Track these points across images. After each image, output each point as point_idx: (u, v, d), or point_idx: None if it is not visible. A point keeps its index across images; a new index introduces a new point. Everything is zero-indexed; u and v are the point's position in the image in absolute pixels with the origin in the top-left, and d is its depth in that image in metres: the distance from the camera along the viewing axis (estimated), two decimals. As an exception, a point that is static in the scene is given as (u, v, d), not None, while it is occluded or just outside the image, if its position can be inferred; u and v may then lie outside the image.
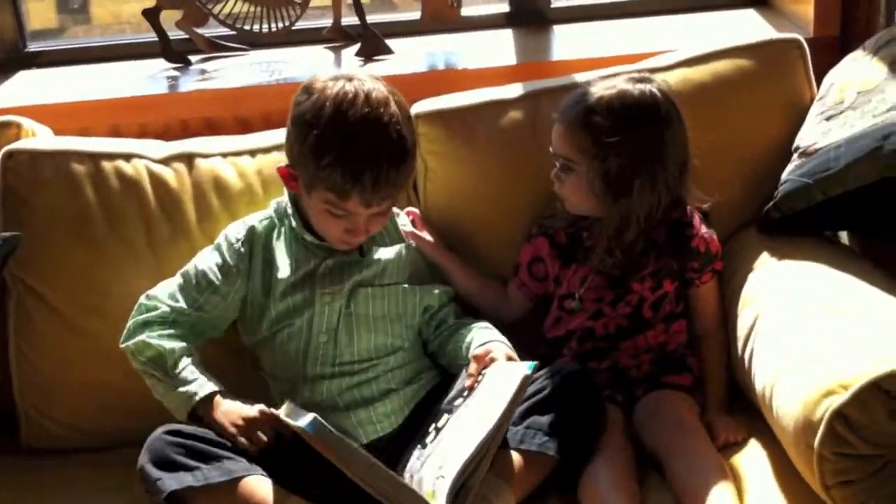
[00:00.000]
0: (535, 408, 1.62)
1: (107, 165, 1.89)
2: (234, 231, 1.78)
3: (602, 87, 1.74)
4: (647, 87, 1.74)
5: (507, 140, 1.92)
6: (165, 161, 1.92)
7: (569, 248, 1.82)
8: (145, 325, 1.71)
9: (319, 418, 1.51)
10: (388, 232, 1.82)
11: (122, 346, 1.71)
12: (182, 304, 1.73)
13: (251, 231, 1.77)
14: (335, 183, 1.63)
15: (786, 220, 1.80)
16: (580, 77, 1.97)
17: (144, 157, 1.92)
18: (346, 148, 1.62)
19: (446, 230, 1.93)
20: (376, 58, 2.34)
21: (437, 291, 1.82)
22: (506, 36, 2.44)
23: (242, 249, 1.75)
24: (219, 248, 1.77)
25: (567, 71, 2.08)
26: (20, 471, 1.81)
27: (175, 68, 2.38)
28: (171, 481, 1.51)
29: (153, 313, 1.72)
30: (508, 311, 1.88)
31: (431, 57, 2.35)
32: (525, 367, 1.57)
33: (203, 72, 2.35)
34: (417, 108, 1.96)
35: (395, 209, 1.82)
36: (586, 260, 1.80)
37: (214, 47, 2.43)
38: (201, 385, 1.66)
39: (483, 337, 1.70)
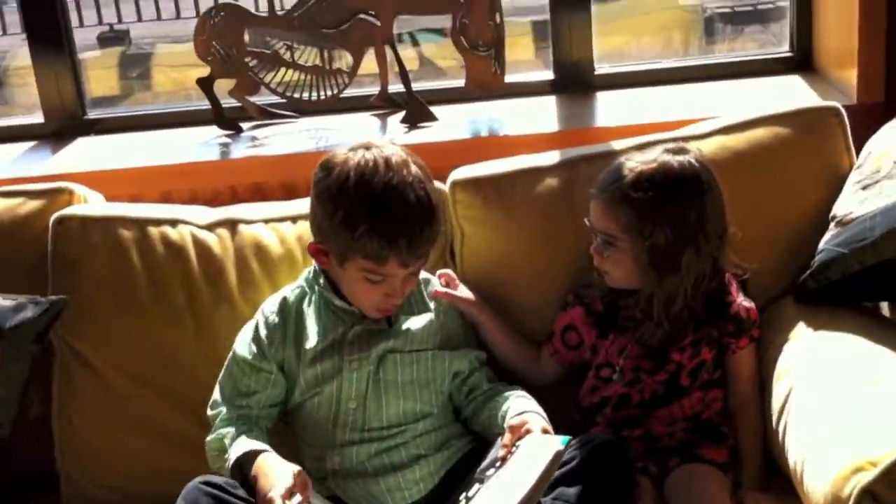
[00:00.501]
0: (564, 479, 1.61)
1: (153, 231, 1.94)
2: (270, 304, 1.82)
3: (640, 160, 1.75)
4: (685, 158, 1.74)
5: (543, 208, 1.94)
6: (210, 227, 1.97)
7: (606, 318, 1.82)
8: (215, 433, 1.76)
9: None
10: (415, 301, 1.84)
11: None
12: (236, 397, 1.77)
13: (283, 302, 1.81)
14: (372, 251, 1.66)
15: (823, 290, 1.79)
16: (618, 144, 1.99)
17: (189, 222, 1.97)
18: (378, 216, 1.66)
19: (482, 296, 1.94)
20: (421, 125, 2.38)
21: (467, 356, 1.83)
22: (549, 103, 2.47)
23: (276, 320, 1.79)
24: (256, 324, 1.81)
25: (609, 138, 2.09)
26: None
27: (227, 135, 2.45)
28: None
29: (217, 420, 1.77)
30: (540, 376, 1.88)
31: (475, 124, 2.39)
32: (558, 442, 1.57)
33: (254, 139, 2.41)
34: (455, 175, 1.99)
35: (422, 277, 1.84)
36: (625, 330, 1.79)
37: (265, 115, 2.49)
38: (241, 445, 1.69)
39: (519, 406, 1.71)
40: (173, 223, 1.96)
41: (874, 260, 1.68)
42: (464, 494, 1.63)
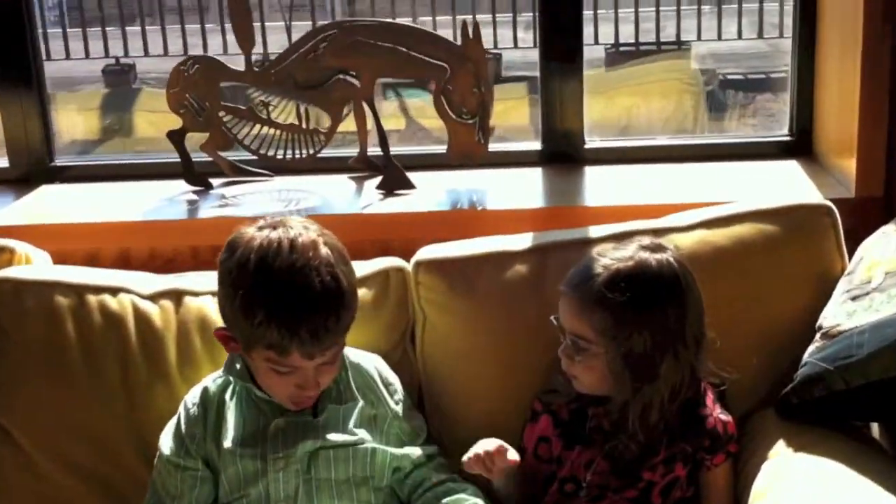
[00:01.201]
0: None
1: (91, 299, 1.83)
2: (191, 396, 1.70)
3: (615, 257, 1.60)
4: (663, 256, 1.61)
5: (511, 297, 1.81)
6: (153, 297, 1.85)
7: (572, 427, 1.68)
8: None
9: None
10: (343, 387, 1.70)
11: None
12: (166, 500, 1.65)
13: (204, 392, 1.69)
14: (272, 341, 1.54)
15: (806, 405, 1.64)
16: (595, 231, 1.86)
17: (132, 291, 1.85)
18: (277, 302, 1.53)
19: (441, 386, 1.83)
20: (397, 192, 2.26)
21: (408, 451, 1.69)
22: (535, 175, 2.35)
23: (197, 413, 1.67)
24: (178, 418, 1.69)
25: (593, 218, 1.97)
26: None
27: (195, 191, 2.33)
28: None
29: None
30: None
31: (454, 194, 2.26)
32: None
33: (223, 196, 2.30)
34: (419, 255, 1.87)
35: (351, 361, 1.72)
36: (592, 443, 1.65)
37: (237, 171, 2.38)
38: None
39: None
40: (114, 291, 1.85)
41: (861, 380, 1.54)
42: None
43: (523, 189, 2.26)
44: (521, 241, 1.87)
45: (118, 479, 1.76)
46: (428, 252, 1.87)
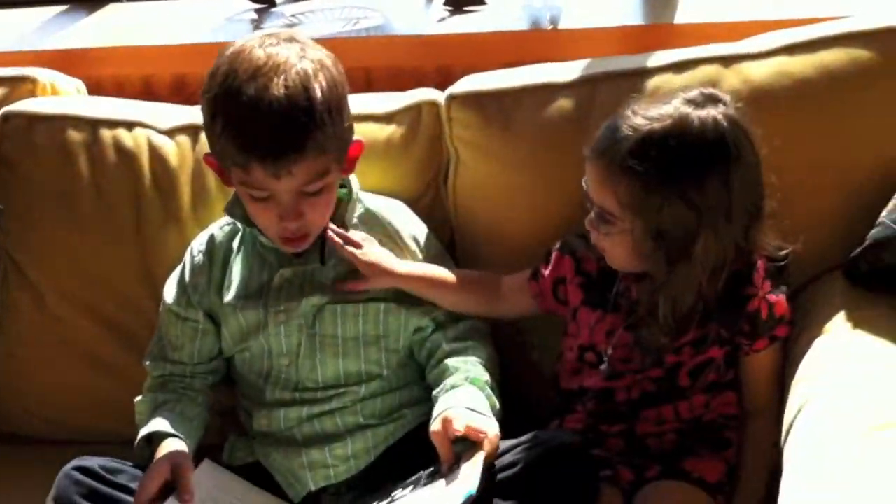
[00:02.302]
0: (501, 489, 1.31)
1: (106, 134, 1.72)
2: (198, 242, 1.59)
3: (650, 116, 1.33)
4: (710, 113, 1.32)
5: (550, 134, 1.58)
6: (171, 132, 1.73)
7: (598, 285, 1.46)
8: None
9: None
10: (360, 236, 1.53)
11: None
12: (168, 349, 1.58)
13: (210, 240, 1.57)
14: (234, 153, 1.38)
15: (877, 273, 1.37)
16: (656, 59, 1.59)
17: (149, 126, 1.73)
18: (234, 107, 1.37)
19: (474, 232, 1.65)
20: (466, 8, 2.03)
21: (429, 312, 1.53)
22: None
23: (202, 261, 1.56)
24: (183, 265, 1.59)
25: (693, 37, 1.70)
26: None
27: (257, 9, 2.17)
28: None
29: (148, 378, 1.59)
30: (506, 313, 1.57)
31: (531, 11, 2.01)
32: (461, 494, 1.27)
33: (285, 15, 2.14)
34: (454, 87, 1.66)
35: (367, 207, 1.56)
36: (618, 309, 1.44)
37: (303, -15, 2.20)
38: (152, 423, 1.49)
39: (445, 402, 1.40)
40: (130, 126, 1.73)
41: (938, 250, 1.25)
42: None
43: (608, 6, 1.97)
44: (566, 71, 1.63)
45: (129, 320, 1.70)
46: (464, 84, 1.66)
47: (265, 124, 1.35)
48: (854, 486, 1.10)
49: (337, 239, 1.49)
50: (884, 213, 1.38)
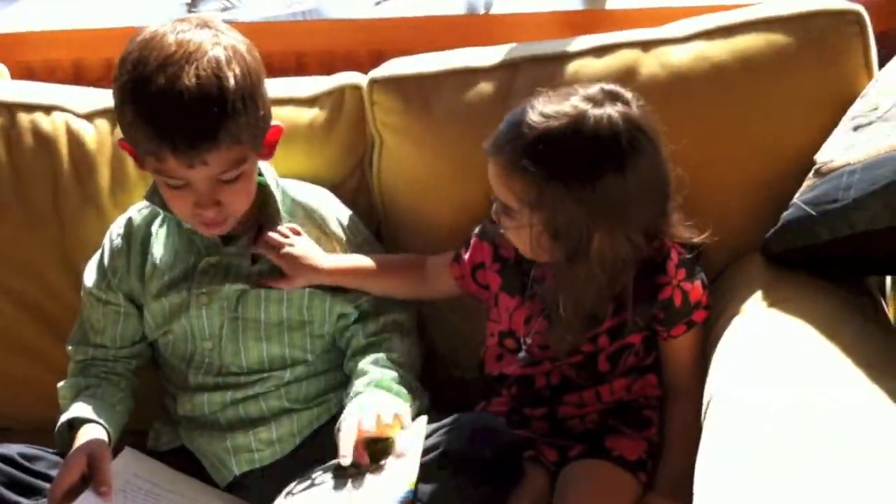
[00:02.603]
0: (424, 474, 1.31)
1: (24, 118, 1.69)
2: (116, 226, 1.57)
3: (547, 112, 1.31)
4: (606, 112, 1.30)
5: (470, 118, 1.58)
6: (89, 116, 1.70)
7: (515, 272, 1.47)
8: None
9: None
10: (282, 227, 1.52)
11: None
12: (90, 333, 1.57)
13: (129, 224, 1.56)
14: (146, 142, 1.36)
15: (791, 253, 1.40)
16: (576, 44, 1.60)
17: (67, 110, 1.71)
18: (143, 97, 1.35)
19: (399, 216, 1.66)
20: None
21: (354, 300, 1.53)
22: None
23: (120, 245, 1.55)
24: (102, 249, 1.57)
25: (626, 22, 1.72)
26: None
27: (191, -8, 2.16)
28: None
29: (70, 363, 1.58)
30: (429, 294, 1.57)
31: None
32: (397, 496, 1.27)
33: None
34: (376, 71, 1.66)
35: (295, 199, 1.54)
36: (534, 296, 1.44)
37: (231, -29, 2.18)
38: (73, 408, 1.48)
39: (353, 405, 1.40)
40: (48, 110, 1.70)
41: (845, 231, 1.28)
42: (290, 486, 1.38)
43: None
44: (488, 56, 1.63)
45: (49, 304, 1.68)
46: (386, 68, 1.66)
47: (176, 114, 1.32)
48: (769, 464, 1.12)
49: (272, 244, 1.47)
50: (796, 196, 1.40)
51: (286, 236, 1.49)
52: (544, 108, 1.32)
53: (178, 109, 1.32)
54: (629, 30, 1.63)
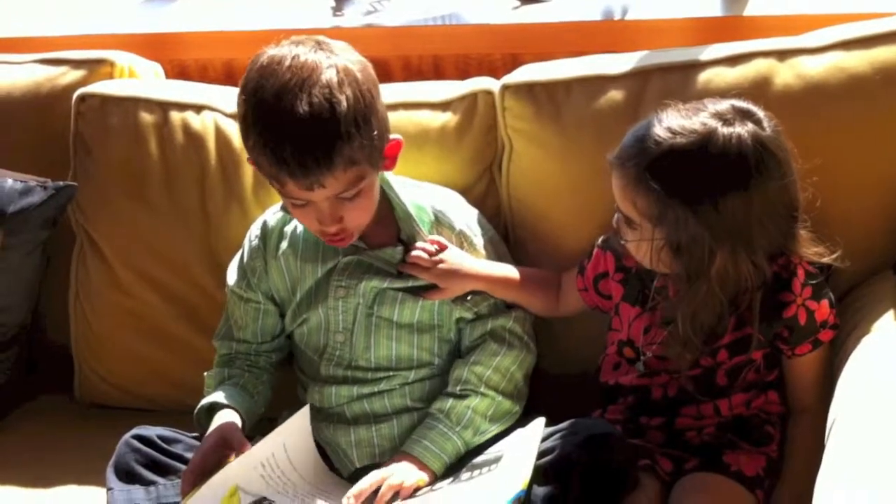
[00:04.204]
0: (537, 476, 1.34)
1: (175, 117, 1.78)
2: (255, 227, 1.64)
3: (675, 128, 1.30)
4: (735, 131, 1.29)
5: (600, 125, 1.59)
6: (235, 116, 1.78)
7: (636, 281, 1.47)
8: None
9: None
10: (413, 230, 1.56)
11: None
12: (233, 329, 1.64)
13: (264, 226, 1.62)
14: (266, 167, 1.42)
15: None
16: (708, 52, 1.58)
17: (217, 109, 1.79)
18: (264, 125, 1.40)
19: (527, 221, 1.68)
20: (536, -1, 2.05)
21: (472, 306, 1.56)
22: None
23: (258, 245, 1.62)
24: (242, 249, 1.65)
25: (764, 30, 1.69)
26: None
27: (339, -5, 2.21)
28: (121, 495, 1.45)
29: (216, 356, 1.66)
30: (564, 311, 1.59)
31: (605, 1, 2.01)
32: (510, 494, 1.29)
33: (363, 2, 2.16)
34: (509, 77, 1.68)
35: (434, 209, 1.57)
36: (655, 308, 1.44)
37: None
38: (213, 395, 1.56)
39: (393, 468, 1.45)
40: (198, 108, 1.79)
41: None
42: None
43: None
44: (619, 63, 1.63)
45: (194, 298, 1.77)
46: (519, 74, 1.68)
47: (292, 142, 1.37)
48: (892, 488, 1.10)
49: (422, 265, 1.51)
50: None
51: (432, 253, 1.52)
52: (671, 123, 1.32)
53: (293, 137, 1.38)
54: (764, 38, 1.60)
